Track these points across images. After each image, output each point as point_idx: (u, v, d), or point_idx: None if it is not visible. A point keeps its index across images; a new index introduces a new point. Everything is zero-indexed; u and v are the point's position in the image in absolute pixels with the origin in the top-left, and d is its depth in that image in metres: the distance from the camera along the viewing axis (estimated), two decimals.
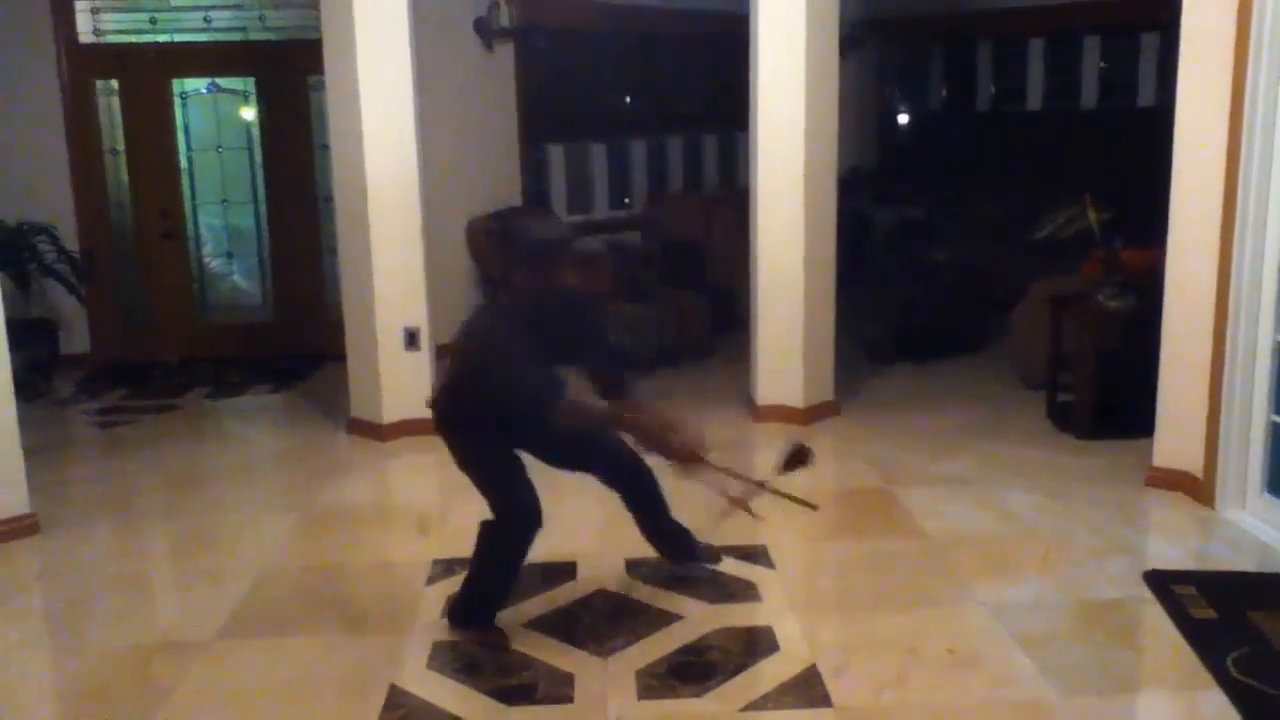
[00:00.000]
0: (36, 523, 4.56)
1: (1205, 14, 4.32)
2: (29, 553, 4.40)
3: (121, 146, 7.57)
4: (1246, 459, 4.40)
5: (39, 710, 3.35)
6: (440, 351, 5.52)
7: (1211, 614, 3.58)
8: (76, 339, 7.49)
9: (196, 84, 7.63)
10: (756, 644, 3.50)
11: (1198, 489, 4.54)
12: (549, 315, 3.36)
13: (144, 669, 3.45)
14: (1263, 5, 4.08)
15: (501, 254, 3.40)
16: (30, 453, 4.62)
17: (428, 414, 5.69)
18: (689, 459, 3.48)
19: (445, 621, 3.65)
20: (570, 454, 3.71)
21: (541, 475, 3.89)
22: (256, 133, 7.69)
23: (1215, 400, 4.43)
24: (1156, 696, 3.33)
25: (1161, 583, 3.81)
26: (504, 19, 7.62)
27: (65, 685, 3.48)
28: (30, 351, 6.85)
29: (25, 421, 4.61)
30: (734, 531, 4.42)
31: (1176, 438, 4.64)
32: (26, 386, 6.37)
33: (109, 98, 7.52)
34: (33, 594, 4.12)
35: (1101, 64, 9.23)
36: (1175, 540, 4.31)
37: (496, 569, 3.60)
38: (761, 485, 3.64)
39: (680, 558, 3.98)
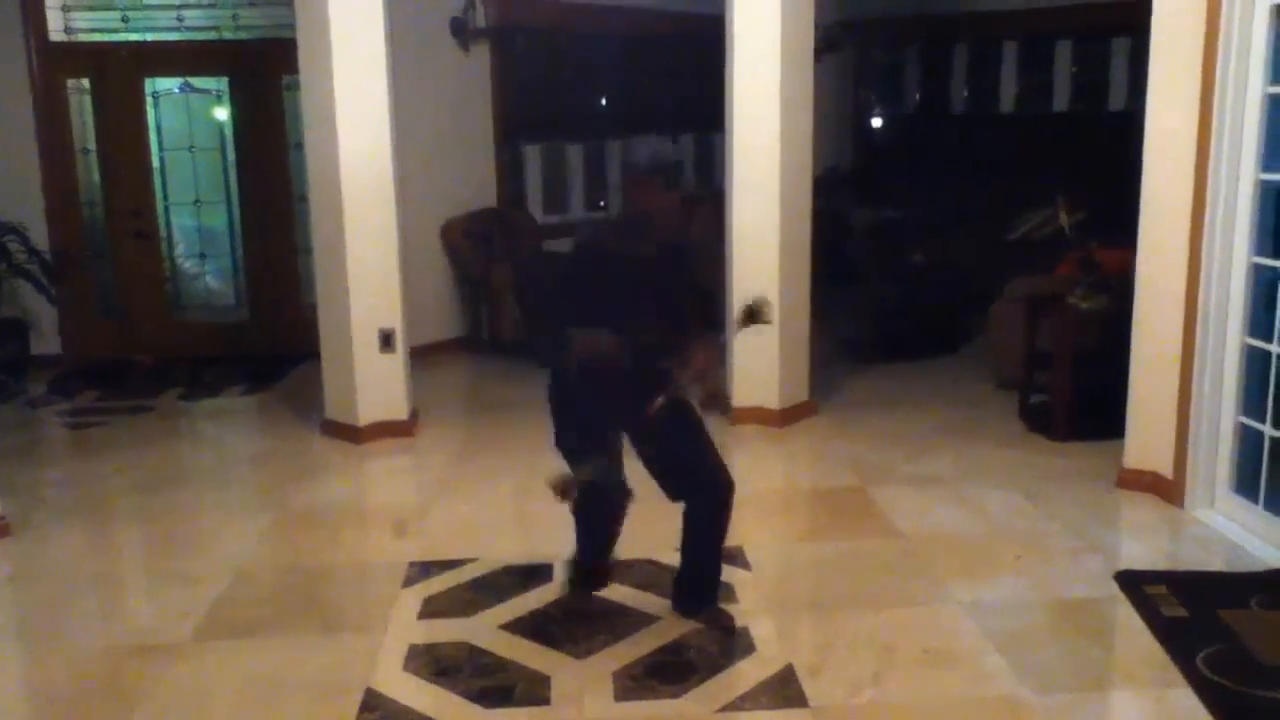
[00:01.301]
0: (7, 525, 4.52)
1: (1175, 18, 4.37)
2: (0, 556, 4.36)
3: (93, 146, 7.51)
4: (1215, 459, 4.46)
5: (11, 714, 3.31)
6: None
7: (1182, 613, 3.62)
8: (48, 339, 7.41)
9: (169, 83, 7.58)
10: (733, 645, 3.50)
11: (1168, 489, 4.59)
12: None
13: (118, 672, 3.42)
14: (1231, 10, 4.14)
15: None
16: (1, 455, 4.58)
17: (404, 416, 5.76)
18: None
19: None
20: (645, 448, 3.54)
21: (518, 477, 3.90)
22: (230, 133, 7.64)
23: (1185, 401, 4.48)
24: (1128, 694, 3.36)
25: (1133, 582, 3.85)
26: (480, 19, 7.62)
27: (38, 689, 3.45)
28: (1, 352, 6.80)
29: None
30: None
31: (1147, 439, 4.68)
32: None
33: (80, 96, 7.45)
34: (4, 597, 4.08)
35: (1073, 68, 9.32)
36: (1146, 540, 4.36)
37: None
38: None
39: (682, 600, 3.69)
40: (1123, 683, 3.41)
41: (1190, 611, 3.62)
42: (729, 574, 4.00)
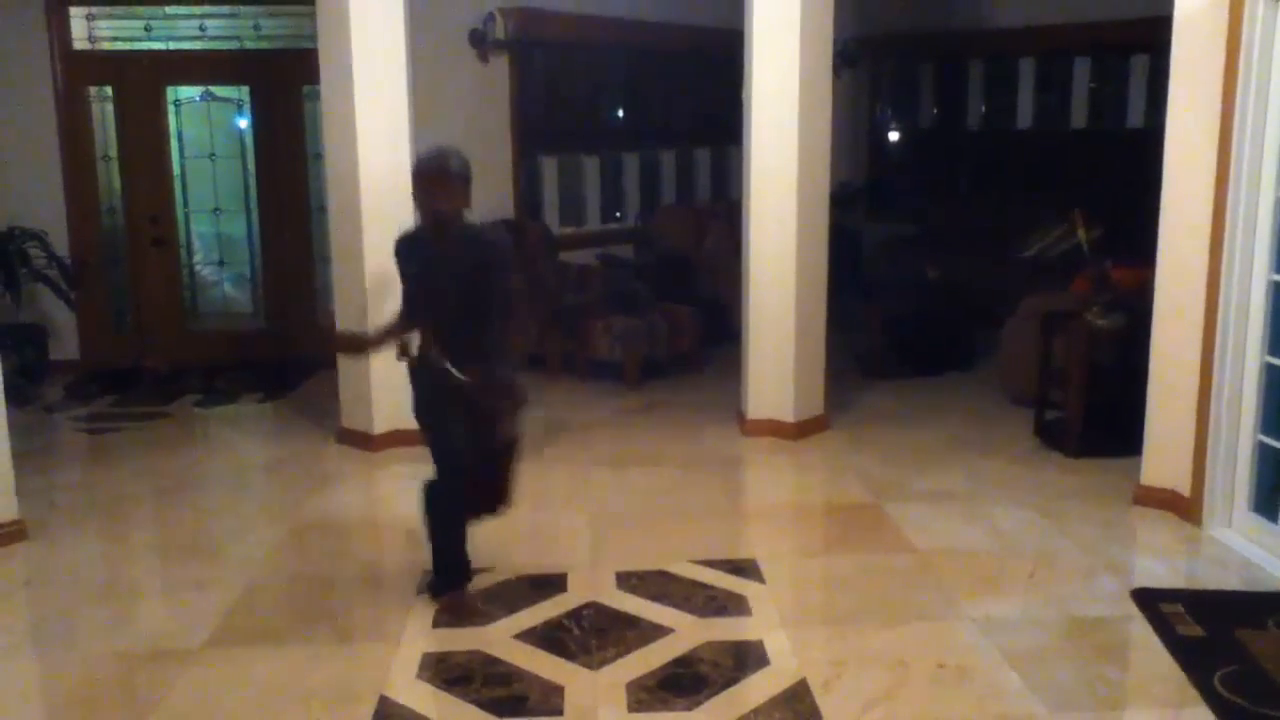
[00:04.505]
0: (23, 529, 4.54)
1: (1195, 37, 4.37)
2: (16, 560, 4.38)
3: (114, 153, 7.56)
4: (1233, 478, 4.43)
5: (25, 718, 3.32)
6: None
7: (1199, 632, 3.60)
8: (66, 345, 7.46)
9: (190, 92, 7.64)
10: (746, 658, 3.50)
11: (1185, 507, 4.57)
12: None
13: (131, 677, 3.44)
14: (1252, 28, 4.13)
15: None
16: (18, 459, 4.60)
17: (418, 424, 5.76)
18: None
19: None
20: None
21: (532, 486, 3.91)
22: (250, 141, 7.69)
23: (1203, 419, 4.46)
24: (1144, 714, 3.33)
25: (1149, 600, 3.83)
26: (499, 31, 7.66)
27: (52, 693, 3.45)
28: (19, 357, 6.84)
29: (13, 427, 4.59)
30: (724, 546, 4.44)
31: (1164, 456, 4.66)
32: (15, 392, 6.33)
33: (103, 104, 7.51)
34: (19, 601, 4.10)
35: (1091, 84, 9.31)
36: (1162, 558, 4.33)
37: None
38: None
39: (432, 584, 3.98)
40: (1138, 702, 3.39)
41: (1207, 631, 3.60)
42: (743, 586, 4.00)
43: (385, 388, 5.70)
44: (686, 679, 3.35)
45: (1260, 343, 4.30)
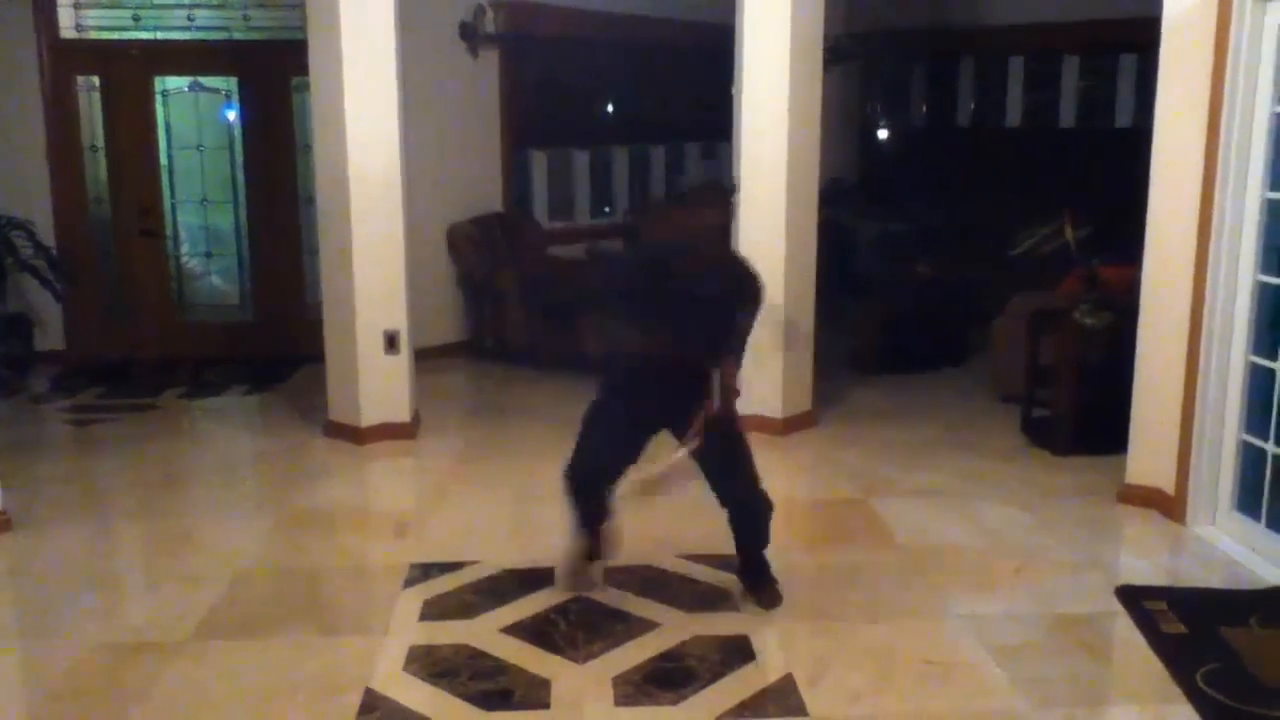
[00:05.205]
0: (8, 520, 4.52)
1: (1184, 37, 4.39)
2: (1, 551, 4.36)
3: (102, 143, 7.51)
4: (1217, 476, 4.46)
5: (9, 711, 3.31)
6: None
7: (1182, 629, 3.62)
8: (52, 336, 7.42)
9: (178, 82, 7.59)
10: (733, 652, 3.51)
11: (1169, 505, 4.60)
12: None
13: (117, 670, 3.42)
14: (1239, 28, 4.15)
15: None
16: (4, 450, 4.59)
17: (406, 418, 5.77)
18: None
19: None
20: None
21: (519, 480, 3.90)
22: (238, 132, 7.65)
23: (1188, 418, 4.48)
24: (1127, 710, 3.36)
25: (1133, 597, 3.85)
26: (489, 25, 7.64)
27: (36, 686, 3.44)
28: (5, 348, 6.81)
29: None
30: (712, 541, 4.44)
31: (1149, 455, 4.69)
32: (1, 383, 6.33)
33: (90, 94, 7.46)
34: (4, 593, 4.09)
35: (1081, 83, 9.35)
36: (1147, 556, 4.36)
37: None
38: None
39: (749, 583, 3.94)
40: (1122, 698, 3.42)
41: (1190, 628, 3.62)
42: (730, 581, 4.01)
43: (373, 381, 5.70)
44: (673, 673, 3.36)
45: (1245, 342, 4.32)
